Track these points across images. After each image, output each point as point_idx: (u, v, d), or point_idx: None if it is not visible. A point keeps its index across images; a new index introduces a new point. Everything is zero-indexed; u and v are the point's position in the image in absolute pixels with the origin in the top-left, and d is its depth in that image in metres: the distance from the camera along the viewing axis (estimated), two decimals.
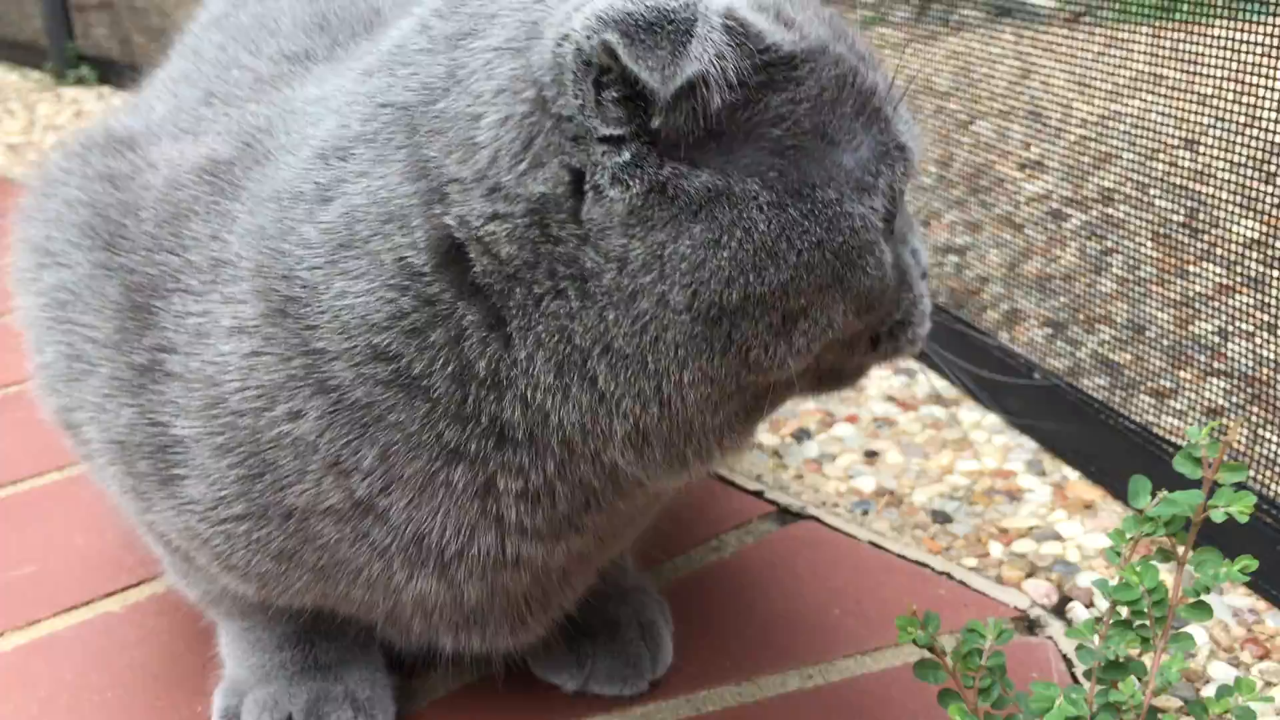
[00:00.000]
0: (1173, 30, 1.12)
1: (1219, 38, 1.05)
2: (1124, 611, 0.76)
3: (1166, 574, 0.75)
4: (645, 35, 0.56)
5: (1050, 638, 0.95)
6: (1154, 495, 0.76)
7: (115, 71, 3.27)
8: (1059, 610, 0.99)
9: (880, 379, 1.40)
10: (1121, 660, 0.75)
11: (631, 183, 0.59)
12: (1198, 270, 1.16)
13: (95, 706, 0.91)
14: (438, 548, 0.71)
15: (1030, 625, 0.97)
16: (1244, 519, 0.71)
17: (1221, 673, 0.91)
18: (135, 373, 0.71)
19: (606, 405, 0.63)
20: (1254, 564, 0.72)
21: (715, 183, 0.60)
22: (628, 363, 0.62)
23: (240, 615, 0.87)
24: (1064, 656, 0.92)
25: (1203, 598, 0.74)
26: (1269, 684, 0.90)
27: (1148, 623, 0.74)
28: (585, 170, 0.59)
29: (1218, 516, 0.72)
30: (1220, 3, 1.10)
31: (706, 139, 0.60)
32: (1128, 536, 0.76)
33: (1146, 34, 1.17)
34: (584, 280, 0.61)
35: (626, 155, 0.59)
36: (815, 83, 0.62)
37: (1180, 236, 1.20)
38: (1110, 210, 1.35)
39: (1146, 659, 0.75)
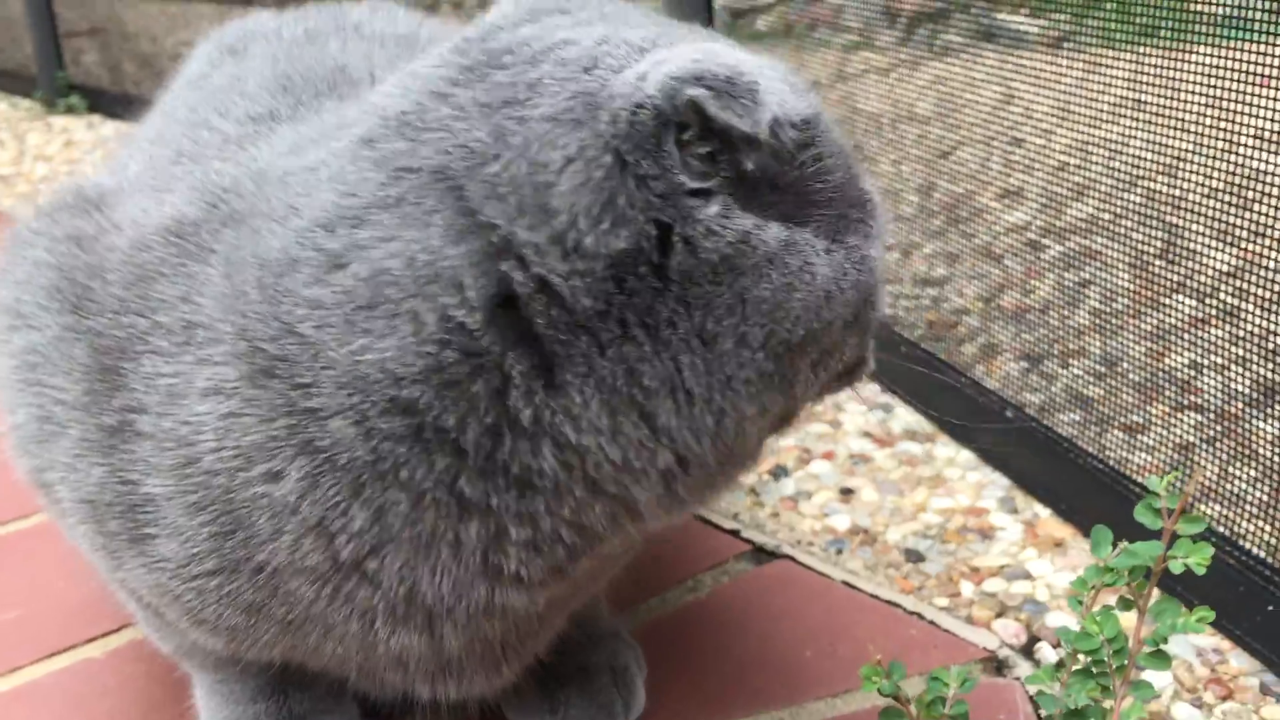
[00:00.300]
0: (1154, 55, 1.12)
1: (1198, 63, 1.05)
2: (1085, 658, 0.77)
3: (1130, 619, 0.76)
4: (727, 87, 0.62)
5: (1019, 678, 0.96)
6: (1115, 545, 0.78)
7: (105, 100, 3.29)
8: (1028, 650, 1.00)
9: (858, 415, 1.42)
10: (1080, 707, 0.76)
11: (723, 232, 0.63)
12: (1172, 302, 1.17)
13: None
14: (426, 605, 0.71)
15: (999, 666, 0.98)
16: (1201, 570, 0.73)
17: (1185, 714, 0.92)
18: (105, 434, 0.72)
19: (659, 441, 0.66)
20: (1210, 615, 0.73)
21: (785, 232, 0.65)
22: (693, 400, 0.66)
23: (213, 668, 0.88)
24: (1030, 699, 0.93)
25: (1161, 647, 0.75)
26: None
27: (1108, 670, 0.76)
28: (674, 224, 0.63)
29: (1176, 568, 0.74)
30: (1200, 26, 1.09)
31: (770, 191, 0.65)
32: (1089, 585, 0.77)
33: (1128, 59, 1.17)
34: (658, 326, 0.64)
35: (716, 207, 0.64)
36: (828, 139, 0.67)
37: (1156, 267, 1.20)
38: (1087, 240, 1.36)
39: (1109, 703, 0.76)
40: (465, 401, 0.65)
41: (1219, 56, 1.03)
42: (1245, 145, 1.03)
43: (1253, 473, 1.05)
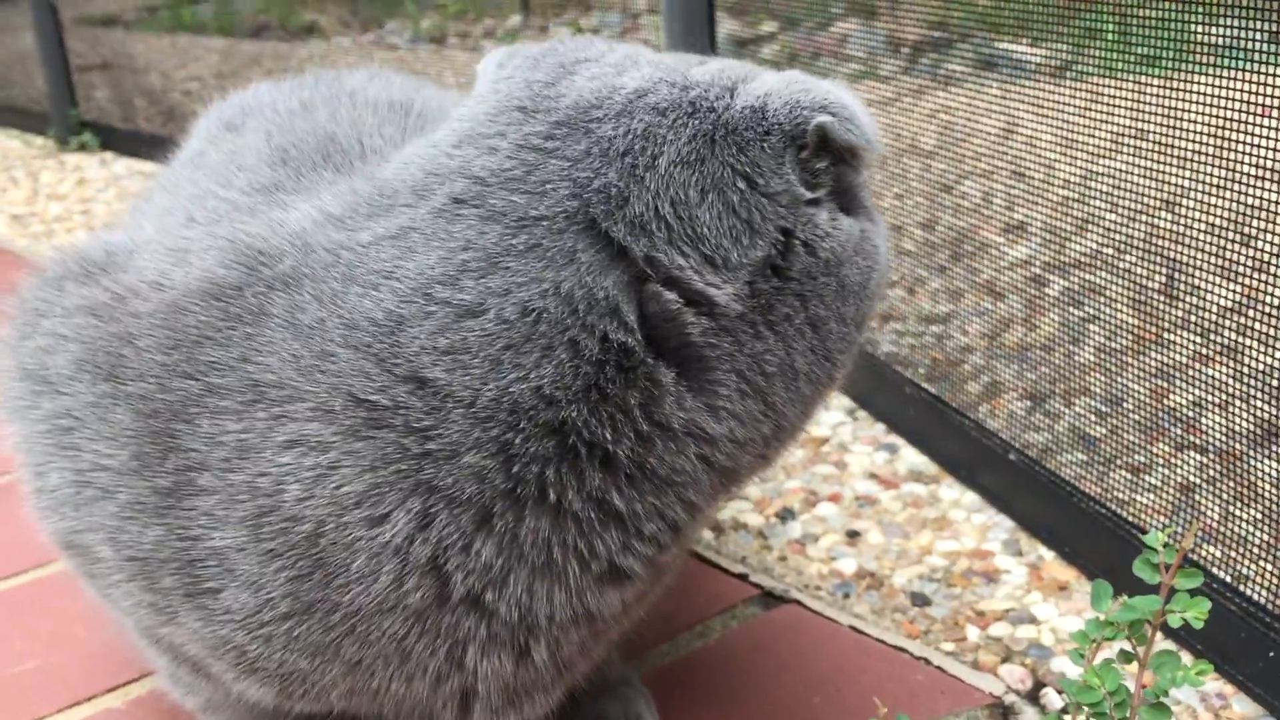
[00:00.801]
0: (1155, 84, 1.13)
1: (1199, 92, 1.06)
2: (1086, 710, 0.79)
3: (1132, 670, 0.78)
4: (845, 113, 0.74)
5: None
6: (1116, 597, 0.79)
7: (117, 137, 3.33)
8: (1034, 696, 1.02)
9: (864, 456, 1.43)
10: None
11: (834, 233, 0.75)
12: (1174, 339, 1.18)
13: None
14: (533, 624, 0.75)
15: (1004, 712, 1.00)
16: (1199, 624, 0.75)
17: None
18: (159, 495, 0.74)
19: (768, 415, 0.76)
20: (1209, 668, 0.75)
21: (861, 223, 0.78)
22: (799, 376, 0.76)
23: None
24: None
25: (1162, 699, 0.77)
26: None
27: None
28: (795, 229, 0.74)
29: (1174, 622, 0.75)
30: (1200, 55, 1.10)
31: (852, 192, 0.78)
32: (1090, 639, 0.79)
33: (1130, 89, 1.18)
34: (778, 320, 0.74)
35: (826, 213, 0.75)
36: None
37: (1158, 303, 1.22)
38: (1091, 276, 1.37)
39: None
40: (621, 414, 0.71)
41: (1219, 86, 1.03)
42: (1246, 177, 1.03)
43: (1255, 514, 1.06)
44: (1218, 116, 1.05)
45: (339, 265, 0.74)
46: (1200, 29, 1.11)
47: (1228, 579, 1.05)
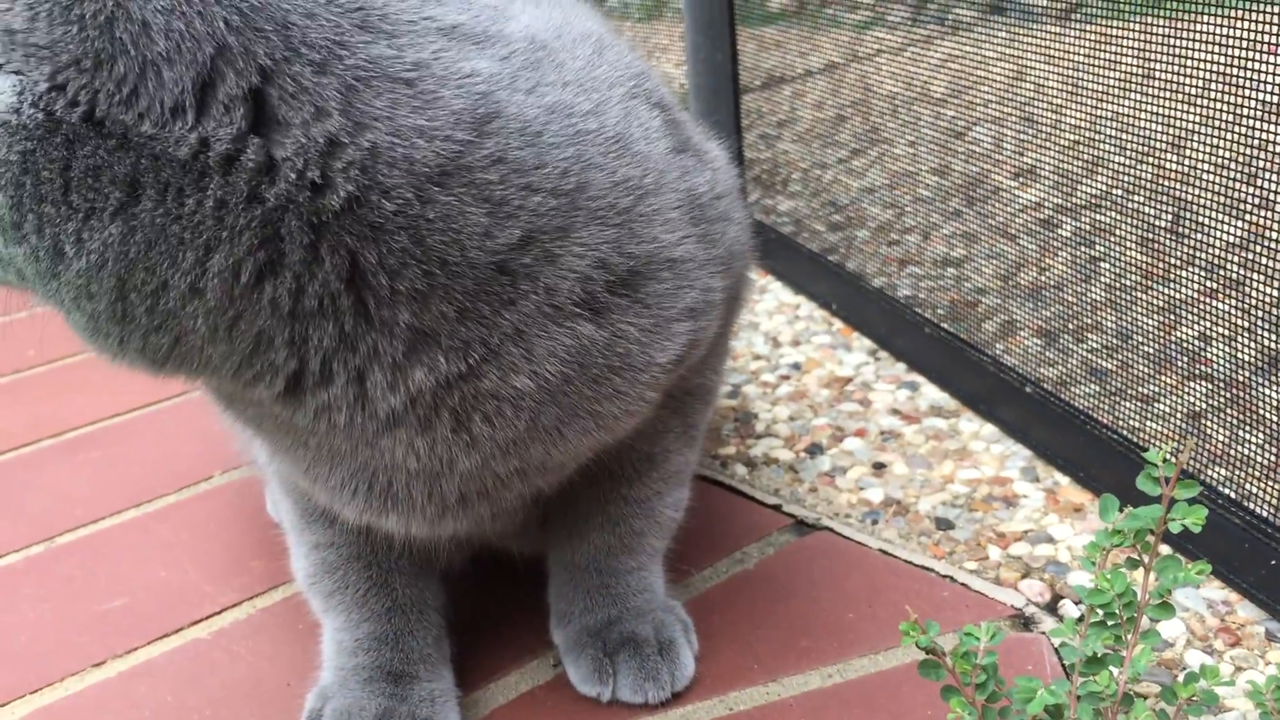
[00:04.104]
0: (1161, 25, 1.16)
1: (1205, 33, 1.08)
2: (1099, 613, 0.86)
3: (1139, 576, 0.86)
4: None
5: (1044, 633, 1.06)
6: (1121, 510, 0.87)
7: None
8: (1052, 608, 1.10)
9: (886, 393, 1.51)
10: (1099, 655, 0.86)
11: None
12: (1182, 275, 1.23)
13: None
14: None
15: (1026, 622, 1.08)
16: (1197, 529, 0.82)
17: (1197, 660, 1.01)
18: None
19: None
20: (1207, 568, 0.82)
21: None
22: None
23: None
24: (1055, 650, 1.03)
25: (1166, 599, 0.84)
26: (1239, 669, 1.00)
27: (1120, 622, 0.85)
28: None
29: (1175, 528, 0.83)
30: None
31: None
32: (1100, 548, 0.86)
33: (1136, 30, 1.20)
34: None
35: None
36: None
37: (1166, 241, 1.26)
38: (1100, 216, 1.43)
39: (1123, 651, 0.86)
40: None
41: (1226, 25, 1.06)
42: (1251, 116, 1.07)
43: (1259, 437, 1.13)
44: (1223, 57, 1.08)
45: None
46: None
47: (1233, 495, 1.12)
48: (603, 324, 0.82)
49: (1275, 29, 1.03)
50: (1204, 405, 1.24)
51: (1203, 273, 1.23)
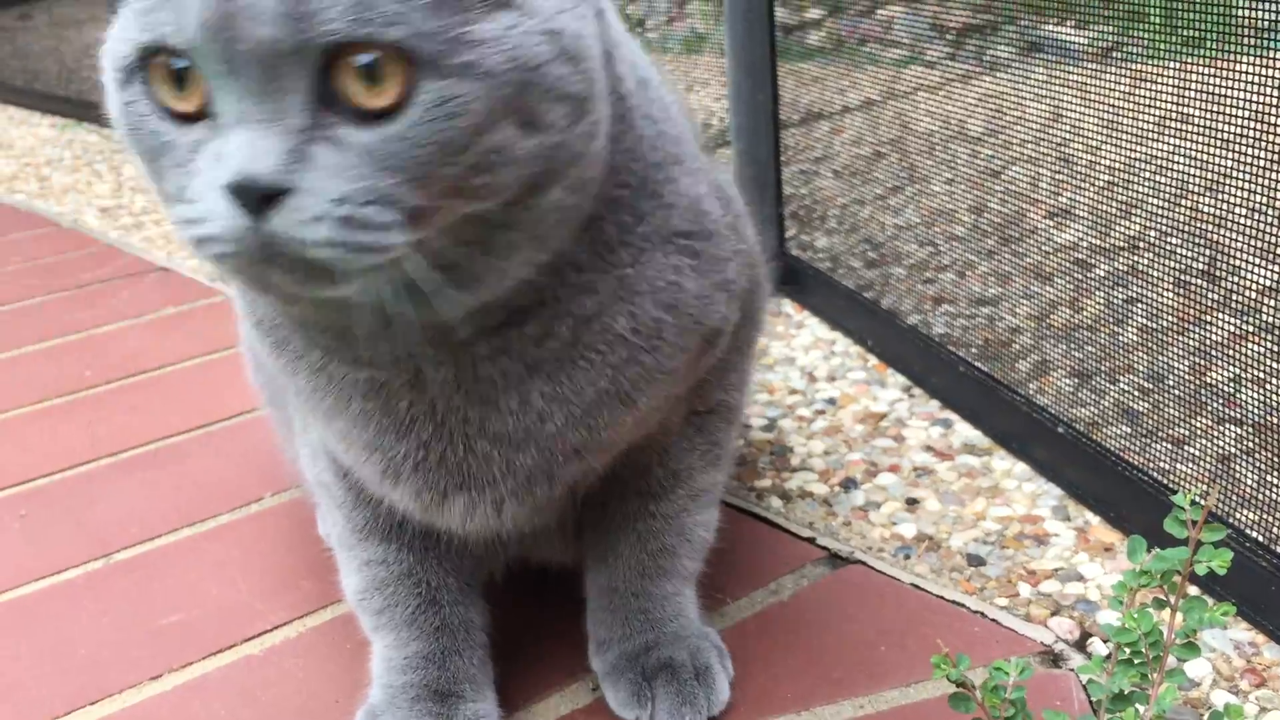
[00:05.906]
0: (1199, 66, 1.17)
1: (1244, 74, 1.10)
2: (1126, 651, 0.89)
3: (1165, 616, 0.88)
4: None
5: (1073, 670, 1.08)
6: (1149, 552, 0.89)
7: None
8: (1081, 645, 1.12)
9: (920, 430, 1.54)
10: (1126, 692, 0.88)
11: None
12: (1215, 318, 1.25)
13: None
14: None
15: (1055, 659, 1.10)
16: (1223, 571, 0.85)
17: (1222, 700, 1.03)
18: None
19: None
20: (1232, 610, 0.85)
21: None
22: None
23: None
24: (1083, 687, 1.05)
25: (1191, 639, 0.87)
26: (1264, 709, 1.02)
27: (1146, 660, 0.88)
28: None
29: (1201, 570, 0.86)
30: (1244, 37, 1.13)
31: None
32: (1128, 588, 0.89)
33: (1173, 71, 1.22)
34: None
35: None
36: None
37: (1200, 284, 1.28)
38: (1135, 258, 1.45)
39: (1150, 690, 0.88)
40: None
41: (1265, 67, 1.07)
42: None
43: None
44: (1262, 99, 1.09)
45: None
46: (1245, 10, 1.15)
47: (1261, 539, 1.14)
48: (685, 273, 0.92)
49: None
50: (1235, 449, 1.26)
51: (1236, 316, 1.25)
